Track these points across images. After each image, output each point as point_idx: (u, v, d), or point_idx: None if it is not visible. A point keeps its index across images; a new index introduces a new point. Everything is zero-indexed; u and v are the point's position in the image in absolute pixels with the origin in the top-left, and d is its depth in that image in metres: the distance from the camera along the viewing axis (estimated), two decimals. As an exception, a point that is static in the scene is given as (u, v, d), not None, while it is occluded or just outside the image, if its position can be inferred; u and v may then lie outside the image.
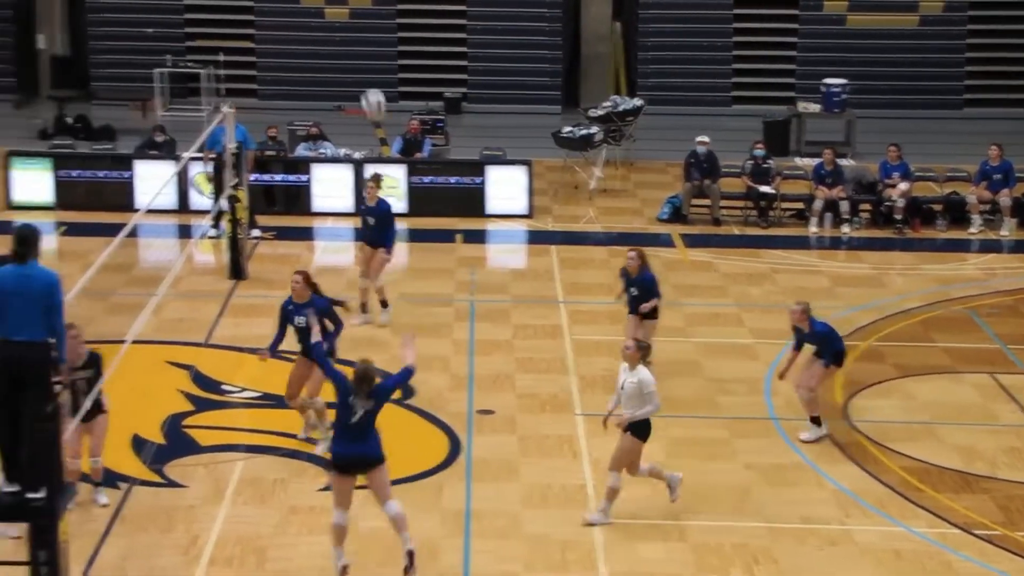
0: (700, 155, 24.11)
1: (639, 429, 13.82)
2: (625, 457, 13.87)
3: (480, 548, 13.45)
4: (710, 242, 23.23)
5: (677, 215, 24.13)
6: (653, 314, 17.09)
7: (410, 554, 12.76)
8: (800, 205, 24.41)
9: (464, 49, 31.97)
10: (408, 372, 13.05)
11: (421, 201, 23.91)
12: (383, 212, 18.62)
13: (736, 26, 31.83)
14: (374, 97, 24.93)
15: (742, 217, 24.34)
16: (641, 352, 13.97)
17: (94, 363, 13.69)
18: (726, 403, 16.86)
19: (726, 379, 17.53)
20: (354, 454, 12.70)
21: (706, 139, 24.17)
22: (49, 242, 21.46)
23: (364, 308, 18.75)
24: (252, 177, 22.17)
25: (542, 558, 13.34)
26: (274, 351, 15.38)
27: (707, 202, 24.22)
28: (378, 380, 12.86)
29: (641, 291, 17.04)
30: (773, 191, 24.13)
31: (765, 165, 24.23)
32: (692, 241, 23.24)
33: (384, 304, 18.86)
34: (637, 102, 27.04)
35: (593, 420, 16.17)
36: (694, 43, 31.66)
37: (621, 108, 26.66)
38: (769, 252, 22.70)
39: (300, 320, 15.07)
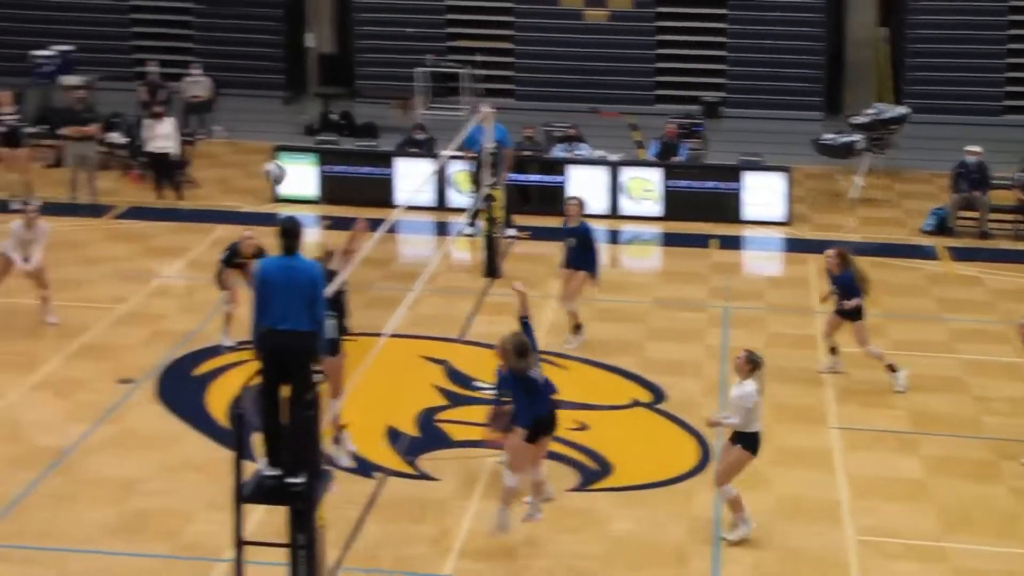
0: (970, 165, 23.35)
1: (746, 441, 13.30)
2: (732, 470, 13.39)
3: (730, 558, 13.25)
4: (977, 256, 22.46)
5: (942, 227, 23.41)
6: (857, 314, 16.97)
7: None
8: (1077, 219, 23.45)
9: (724, 53, 31.61)
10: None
11: (676, 205, 23.73)
12: (583, 234, 18.12)
13: (1011, 33, 30.71)
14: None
15: (1012, 231, 23.47)
16: (750, 364, 13.42)
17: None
18: (991, 423, 16.26)
19: (991, 398, 16.91)
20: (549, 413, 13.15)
21: (977, 149, 23.39)
22: (312, 235, 21.99)
23: (577, 330, 18.34)
24: (509, 177, 22.34)
25: (793, 571, 13.07)
26: None
27: (975, 214, 23.42)
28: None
29: (842, 291, 17.02)
30: (1046, 204, 23.24)
31: (1038, 177, 23.37)
32: (958, 254, 22.51)
33: (576, 328, 18.27)
34: (902, 110, 26.36)
35: (849, 434, 15.83)
36: (964, 50, 30.63)
37: (885, 116, 26.02)
38: (1041, 268, 21.88)
39: None
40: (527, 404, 13.07)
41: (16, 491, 13.96)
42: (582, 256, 18.07)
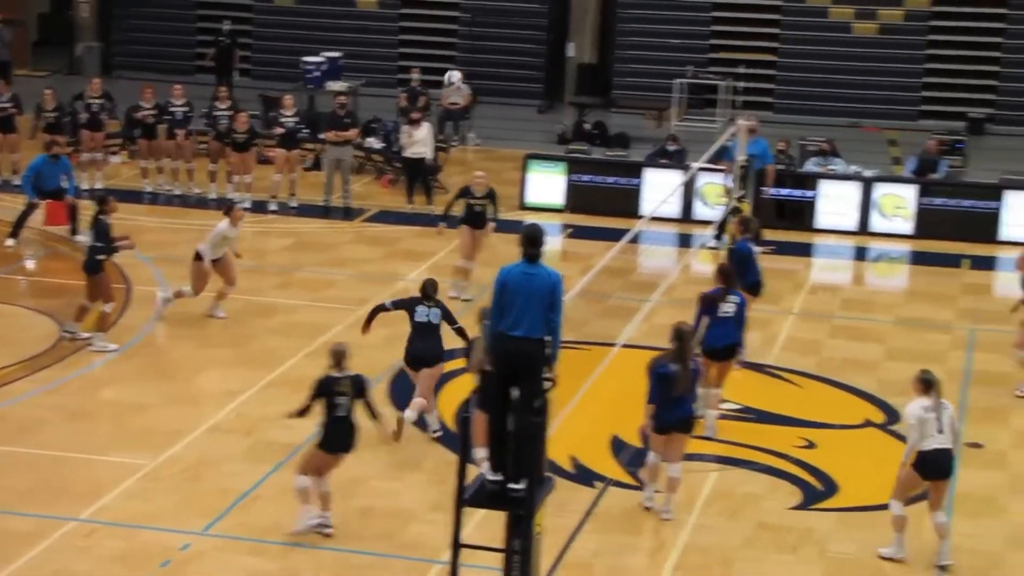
0: None
1: (917, 462, 12.97)
2: (900, 486, 13.16)
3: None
4: None
5: None
6: None
7: None
8: None
9: (996, 68, 30.61)
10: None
11: (930, 223, 23.08)
12: (739, 254, 17.68)
13: None
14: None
15: None
16: (922, 384, 13.05)
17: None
18: None
19: None
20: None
21: None
22: (555, 243, 22.14)
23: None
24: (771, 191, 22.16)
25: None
26: None
27: None
28: None
29: None
30: None
31: None
32: None
33: None
34: None
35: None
36: None
37: None
38: None
39: None
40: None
41: (247, 484, 14.42)
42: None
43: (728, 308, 15.50)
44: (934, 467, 13.04)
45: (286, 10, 33.99)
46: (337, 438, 13.53)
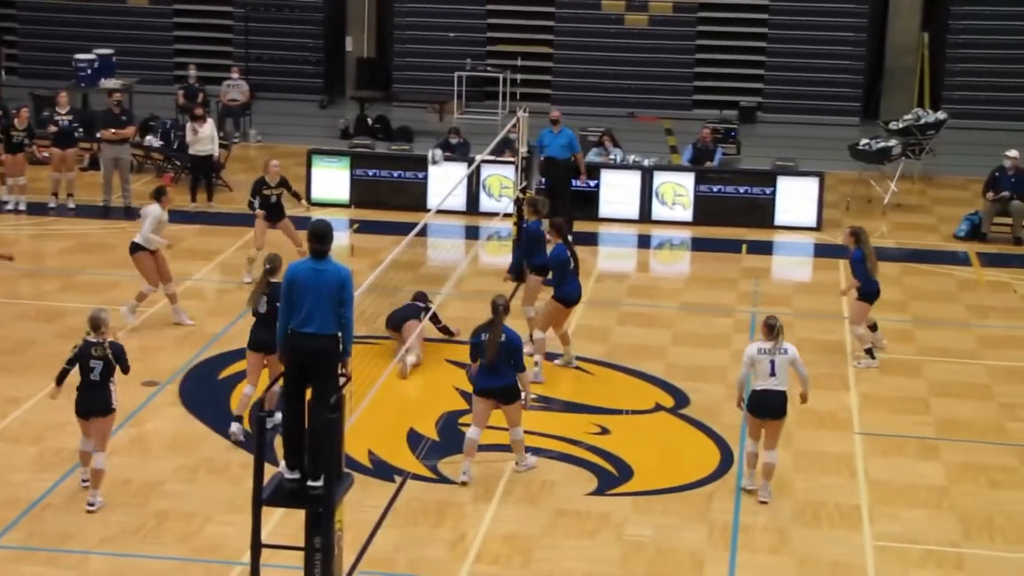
0: (1007, 170, 23.10)
1: (749, 401, 14.31)
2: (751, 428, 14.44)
3: (747, 562, 13.21)
4: (1009, 262, 22.26)
5: (975, 233, 23.22)
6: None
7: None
8: (1110, 226, 23.20)
9: (763, 58, 31.52)
10: None
11: (708, 210, 23.65)
12: (529, 234, 18.03)
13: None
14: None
15: (1046, 237, 23.33)
16: (766, 328, 14.16)
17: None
18: (1016, 430, 16.11)
19: (1017, 404, 16.75)
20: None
21: (1014, 154, 23.14)
22: (342, 239, 22.05)
23: None
24: (543, 180, 22.42)
25: (811, 576, 13.03)
26: None
27: (1009, 220, 23.21)
28: None
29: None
30: (1081, 210, 22.99)
31: (1077, 184, 23.11)
32: (990, 260, 22.33)
33: None
34: (940, 115, 26.16)
35: (873, 439, 15.74)
36: (1007, 55, 30.42)
37: (923, 121, 25.83)
38: (1074, 274, 21.67)
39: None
40: None
41: (37, 492, 14.06)
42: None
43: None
44: (763, 407, 14.09)
45: (54, 6, 33.06)
46: (89, 402, 13.88)
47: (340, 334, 10.88)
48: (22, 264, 19.08)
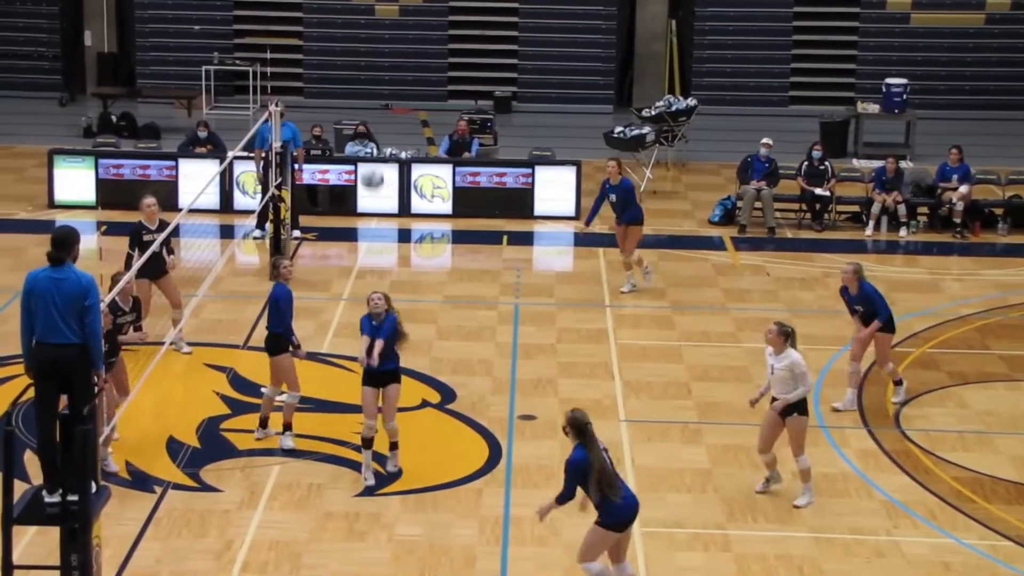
0: (761, 158, 23.59)
1: (802, 407, 14.03)
2: (802, 437, 14.08)
3: (518, 555, 13.20)
4: (762, 245, 22.78)
5: (728, 218, 23.68)
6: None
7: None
8: (856, 208, 23.91)
9: (515, 47, 31.65)
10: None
11: (468, 202, 23.58)
12: (625, 189, 19.54)
13: (795, 24, 31.33)
14: None
15: (796, 220, 23.89)
16: (783, 335, 13.97)
17: (136, 308, 14.75)
18: (775, 411, 16.43)
19: (776, 386, 17.10)
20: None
21: (769, 141, 23.62)
22: (90, 242, 21.28)
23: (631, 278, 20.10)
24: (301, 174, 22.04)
25: (577, 564, 12.97)
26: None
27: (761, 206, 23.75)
28: None
29: (866, 308, 16.21)
30: (828, 194, 23.64)
31: (821, 167, 23.74)
32: (744, 244, 22.80)
33: (645, 270, 20.06)
34: (691, 102, 26.63)
35: (638, 426, 15.86)
36: (752, 41, 31.20)
37: (674, 108, 26.26)
38: (823, 256, 22.23)
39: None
40: None
41: None
42: (626, 209, 19.58)
43: None
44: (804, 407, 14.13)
45: None
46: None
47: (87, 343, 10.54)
48: None
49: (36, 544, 12.36)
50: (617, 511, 11.86)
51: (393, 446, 14.72)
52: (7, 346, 16.43)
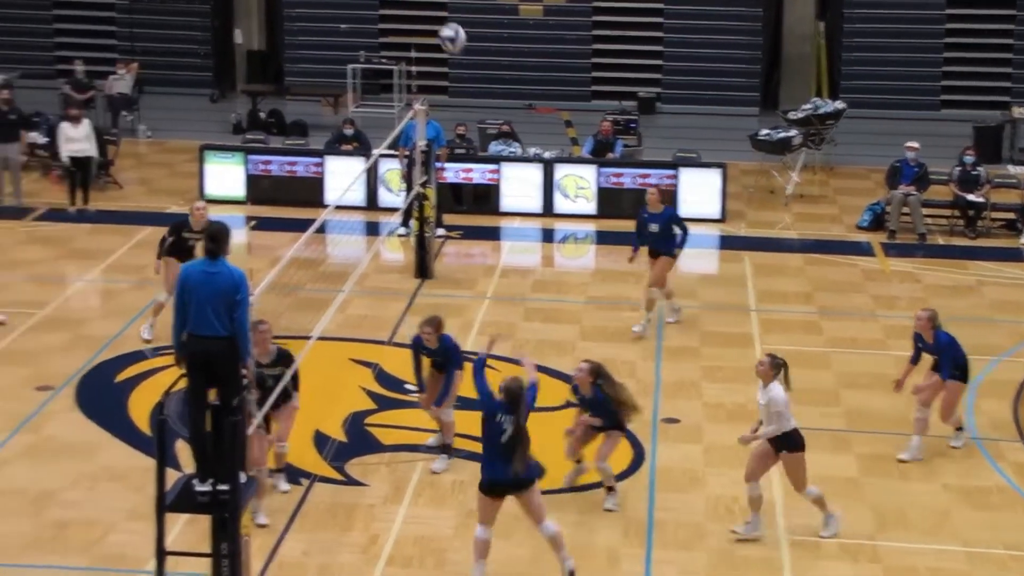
0: (910, 162, 23.17)
1: (791, 442, 13.23)
2: (798, 473, 13.34)
3: (662, 558, 13.09)
4: (912, 252, 22.36)
5: (878, 223, 23.29)
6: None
7: (571, 573, 12.55)
8: (1011, 215, 23.37)
9: (660, 48, 31.46)
10: (533, 388, 12.83)
11: (612, 202, 23.50)
12: (665, 219, 18.30)
13: (948, 27, 30.71)
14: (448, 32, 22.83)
15: (948, 227, 23.41)
16: (775, 368, 13.25)
17: (282, 360, 13.54)
18: (925, 421, 16.11)
19: (925, 395, 16.77)
20: (506, 478, 12.41)
21: (915, 145, 23.22)
22: (239, 236, 21.59)
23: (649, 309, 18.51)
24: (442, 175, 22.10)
25: (726, 571, 12.89)
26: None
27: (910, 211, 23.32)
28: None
29: (941, 356, 15.09)
30: (982, 200, 23.13)
31: (974, 172, 23.24)
32: (894, 250, 22.39)
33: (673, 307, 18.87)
34: (839, 105, 26.25)
35: (784, 433, 15.65)
36: (902, 44, 30.63)
37: (822, 111, 25.91)
38: (976, 264, 21.77)
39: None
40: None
41: (-71, 502, 13.59)
42: (665, 241, 18.26)
43: None
44: (802, 438, 13.34)
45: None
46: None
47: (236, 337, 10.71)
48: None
49: (187, 532, 12.54)
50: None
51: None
52: (166, 336, 16.69)
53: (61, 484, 14.08)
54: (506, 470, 12.37)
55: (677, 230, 18.30)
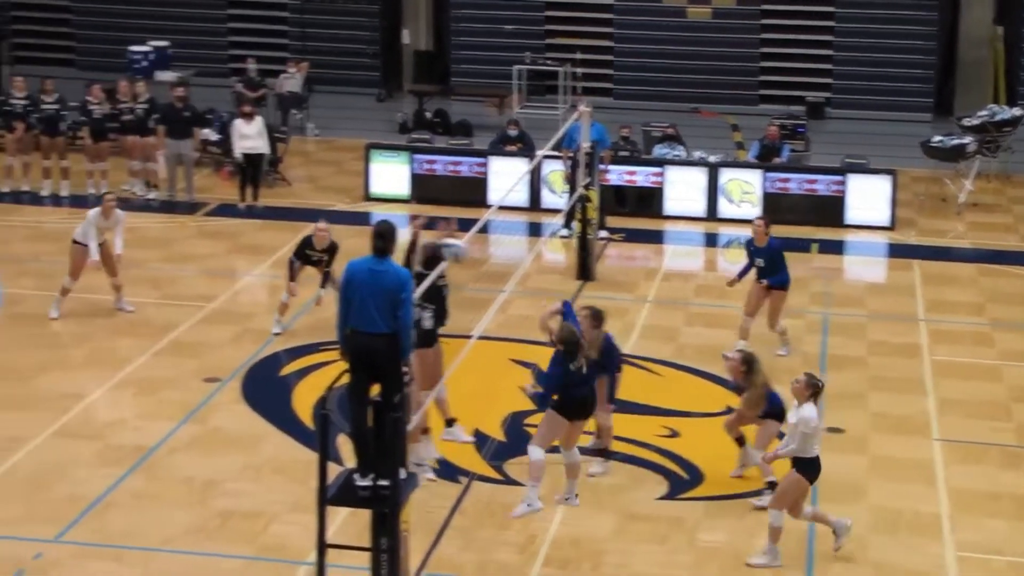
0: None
1: (804, 467, 12.81)
2: (787, 496, 12.88)
3: (824, 571, 12.85)
4: (1090, 263, 21.72)
5: (1055, 233, 22.69)
6: None
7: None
8: None
9: (829, 52, 30.96)
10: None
11: (777, 207, 23.19)
12: (772, 251, 17.37)
13: None
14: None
15: None
16: (811, 387, 12.80)
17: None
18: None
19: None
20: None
21: None
22: (403, 235, 21.67)
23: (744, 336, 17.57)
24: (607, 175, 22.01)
25: (888, 587, 12.64)
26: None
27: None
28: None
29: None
30: None
31: None
32: (1071, 260, 21.81)
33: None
34: (1016, 112, 25.60)
35: (951, 446, 15.29)
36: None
37: (998, 118, 25.29)
38: None
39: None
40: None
41: (100, 489, 13.85)
42: (775, 274, 17.27)
43: None
44: (819, 470, 12.96)
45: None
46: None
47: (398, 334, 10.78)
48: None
49: (348, 525, 12.65)
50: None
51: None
52: (328, 332, 16.89)
53: (226, 474, 14.30)
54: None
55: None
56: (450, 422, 15.04)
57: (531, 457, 13.58)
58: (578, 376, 13.53)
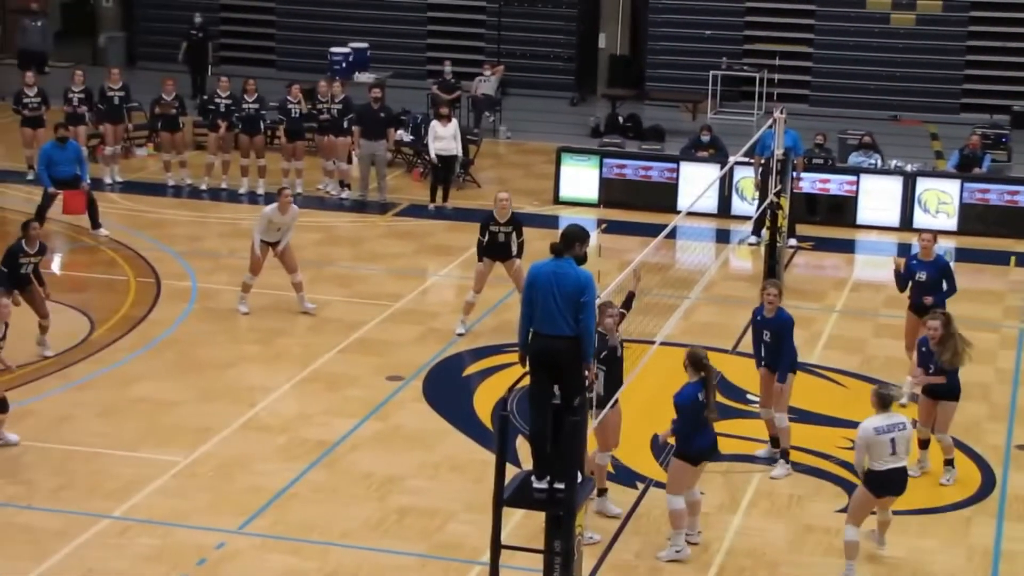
0: None
1: (868, 481, 12.57)
2: (855, 511, 12.72)
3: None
4: None
5: None
6: None
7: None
8: None
9: (1039, 59, 30.13)
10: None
11: (975, 219, 22.62)
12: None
13: None
14: None
15: None
16: (881, 400, 12.61)
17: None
18: None
19: None
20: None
21: None
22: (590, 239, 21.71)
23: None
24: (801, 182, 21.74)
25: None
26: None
27: None
28: None
29: None
30: None
31: None
32: None
33: None
34: None
35: None
36: None
37: None
38: None
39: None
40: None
41: (282, 482, 14.15)
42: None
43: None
44: (888, 486, 12.64)
45: (312, 0, 33.68)
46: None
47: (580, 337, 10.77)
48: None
49: (523, 527, 12.70)
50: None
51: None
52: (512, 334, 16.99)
53: (405, 471, 14.47)
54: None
55: (945, 284, 16.44)
56: (601, 492, 14.25)
57: (670, 507, 13.00)
58: (705, 420, 12.86)
